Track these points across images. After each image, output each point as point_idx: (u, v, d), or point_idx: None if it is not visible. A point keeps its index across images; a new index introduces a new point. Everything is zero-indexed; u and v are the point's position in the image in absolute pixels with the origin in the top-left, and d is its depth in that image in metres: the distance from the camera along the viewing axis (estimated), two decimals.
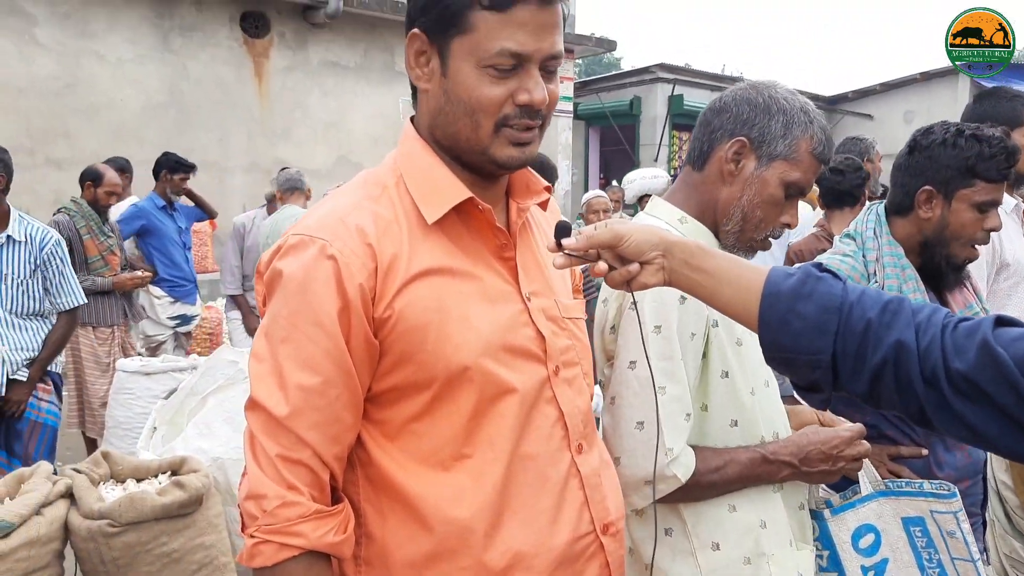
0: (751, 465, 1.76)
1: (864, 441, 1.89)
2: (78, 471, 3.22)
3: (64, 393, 5.11)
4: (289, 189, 6.67)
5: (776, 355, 1.27)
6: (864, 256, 2.35)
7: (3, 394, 4.20)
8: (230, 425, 3.75)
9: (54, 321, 4.49)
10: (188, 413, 4.08)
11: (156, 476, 3.40)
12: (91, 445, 5.79)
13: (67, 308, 4.48)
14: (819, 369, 1.23)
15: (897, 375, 1.19)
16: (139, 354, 6.05)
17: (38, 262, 4.30)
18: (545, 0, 1.32)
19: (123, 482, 3.37)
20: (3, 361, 4.20)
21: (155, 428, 4.08)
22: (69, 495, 3.12)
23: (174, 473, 3.38)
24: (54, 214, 5.85)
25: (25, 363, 4.31)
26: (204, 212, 7.28)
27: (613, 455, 1.73)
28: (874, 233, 2.36)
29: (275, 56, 10.85)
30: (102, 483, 3.30)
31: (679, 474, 1.68)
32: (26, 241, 4.27)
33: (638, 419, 1.71)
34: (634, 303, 1.65)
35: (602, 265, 1.33)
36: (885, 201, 2.43)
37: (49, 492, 3.03)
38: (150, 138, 9.48)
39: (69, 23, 9.28)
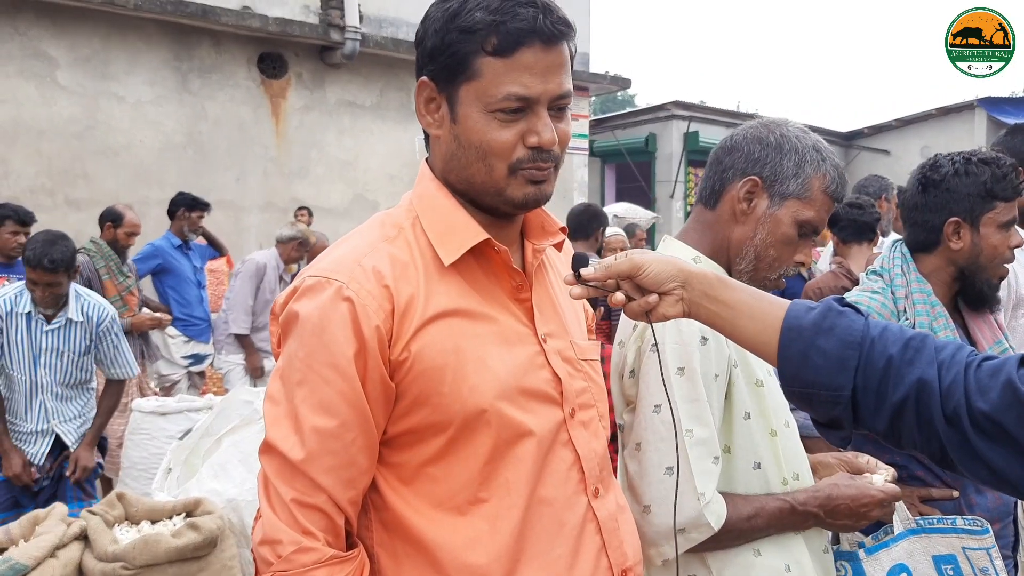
0: (779, 515, 1.72)
1: (894, 504, 1.85)
2: (93, 513, 3.21)
3: None
4: None
5: (796, 390, 1.25)
6: (893, 293, 2.33)
7: (42, 464, 4.28)
8: (245, 466, 3.73)
9: (94, 386, 4.54)
10: (203, 454, 4.06)
11: (171, 518, 3.39)
12: (107, 485, 5.77)
13: (120, 378, 4.53)
14: (839, 405, 1.21)
15: (918, 413, 1.16)
16: (155, 394, 6.06)
17: (93, 338, 4.34)
18: (549, 43, 1.31)
19: (138, 524, 3.36)
20: (52, 433, 4.30)
21: (170, 469, 4.06)
22: (83, 537, 3.10)
23: (189, 515, 3.36)
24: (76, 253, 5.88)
25: (78, 434, 4.40)
26: (215, 249, 7.33)
27: (642, 503, 1.69)
28: (902, 270, 2.35)
29: (292, 96, 10.96)
30: (117, 525, 3.29)
31: (712, 522, 1.64)
32: (84, 320, 4.30)
33: (667, 465, 1.67)
34: (655, 344, 1.63)
35: (619, 296, 1.31)
36: (905, 239, 2.41)
37: (63, 534, 3.02)
38: (168, 178, 9.57)
39: (89, 66, 9.41)
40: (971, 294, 2.35)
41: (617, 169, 18.03)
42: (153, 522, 3.37)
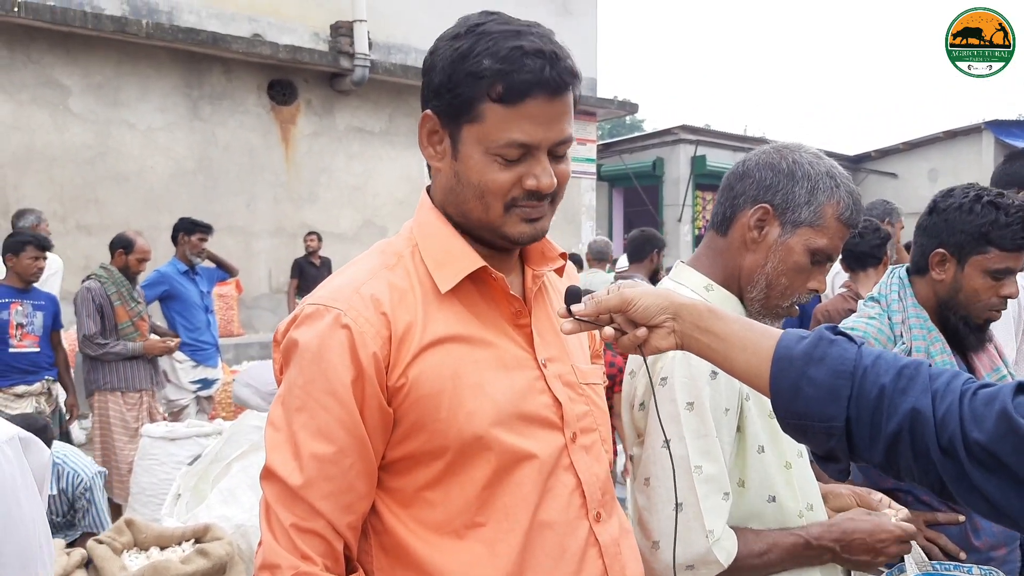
0: (794, 550, 1.69)
1: (912, 542, 1.82)
2: (100, 541, 3.21)
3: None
4: (598, 258, 8.16)
5: (790, 421, 1.22)
6: (890, 319, 2.32)
7: None
8: (254, 492, 3.73)
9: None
10: (212, 479, 4.06)
11: (180, 544, 3.39)
12: (116, 511, 5.78)
13: (91, 531, 4.28)
14: (833, 437, 1.18)
15: (914, 444, 1.13)
16: (164, 418, 6.06)
17: (72, 500, 4.24)
18: (554, 93, 1.33)
19: (147, 550, 3.36)
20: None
21: (179, 495, 4.07)
22: (85, 565, 3.10)
23: (198, 541, 3.36)
24: (84, 280, 5.93)
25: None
26: (224, 271, 7.35)
27: (651, 539, 1.67)
28: (898, 296, 2.34)
29: (302, 122, 11.05)
30: (125, 551, 3.29)
31: (721, 559, 1.61)
32: (59, 493, 4.18)
33: (676, 501, 1.63)
34: (663, 379, 1.63)
35: (608, 330, 1.32)
36: (907, 263, 2.41)
37: (66, 564, 3.02)
38: (179, 204, 9.64)
39: (102, 93, 9.51)
40: (946, 330, 2.30)
41: (625, 193, 18.08)
42: (162, 548, 3.37)
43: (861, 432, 1.17)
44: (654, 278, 5.70)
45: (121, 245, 5.96)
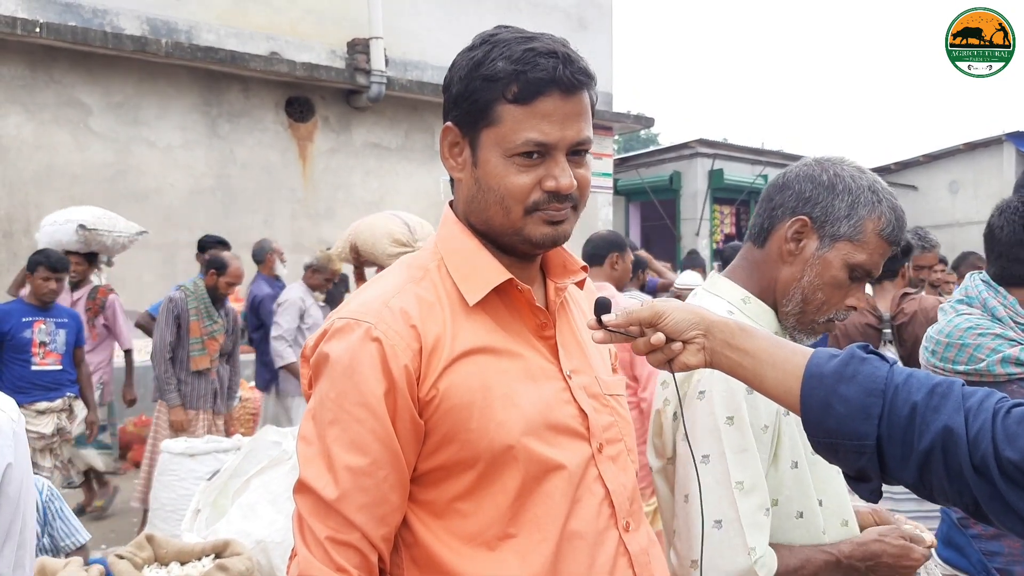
0: (826, 568, 1.67)
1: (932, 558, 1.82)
2: (121, 556, 3.22)
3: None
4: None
5: (821, 440, 1.22)
6: (992, 314, 2.29)
7: None
8: (274, 507, 3.74)
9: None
10: (232, 495, 4.07)
11: (200, 559, 3.39)
12: (145, 518, 5.77)
13: (76, 547, 3.70)
14: (864, 455, 1.17)
15: (946, 463, 1.12)
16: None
17: (42, 511, 3.74)
18: (568, 92, 1.35)
19: (167, 565, 3.36)
20: None
21: (199, 510, 4.07)
22: None
23: (218, 556, 3.36)
24: (174, 289, 6.07)
25: None
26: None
27: (690, 557, 1.65)
28: (991, 295, 2.31)
29: (319, 139, 11.11)
30: (146, 567, 3.30)
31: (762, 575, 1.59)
32: None
33: (716, 517, 1.61)
34: (702, 392, 1.62)
35: (639, 342, 1.32)
36: (989, 271, 2.39)
37: None
38: (198, 221, 9.70)
39: (122, 112, 9.60)
40: None
41: (642, 207, 18.06)
42: (182, 563, 3.37)
43: (892, 451, 1.16)
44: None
45: (215, 266, 6.06)
